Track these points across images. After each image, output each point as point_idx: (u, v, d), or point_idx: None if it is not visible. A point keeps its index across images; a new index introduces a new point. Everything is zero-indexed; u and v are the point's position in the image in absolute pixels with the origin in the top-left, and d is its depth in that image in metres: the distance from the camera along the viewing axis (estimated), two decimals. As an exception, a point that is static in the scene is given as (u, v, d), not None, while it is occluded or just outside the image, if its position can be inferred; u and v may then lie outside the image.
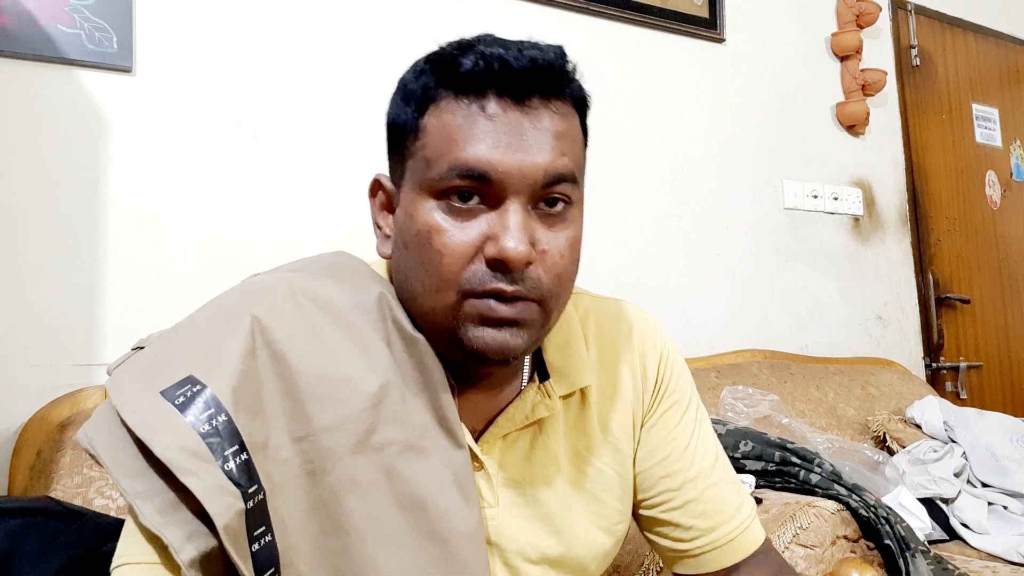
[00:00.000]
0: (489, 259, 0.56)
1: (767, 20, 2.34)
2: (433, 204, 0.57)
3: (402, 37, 1.72)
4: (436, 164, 0.56)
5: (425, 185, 0.57)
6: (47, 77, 1.35)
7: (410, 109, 0.59)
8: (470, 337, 0.57)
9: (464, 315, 0.57)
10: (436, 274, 0.57)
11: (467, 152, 0.55)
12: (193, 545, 0.48)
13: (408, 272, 0.60)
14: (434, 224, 0.56)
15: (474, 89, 0.56)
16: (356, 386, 0.57)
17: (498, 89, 0.56)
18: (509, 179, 0.55)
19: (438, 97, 0.57)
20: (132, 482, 0.49)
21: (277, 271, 0.63)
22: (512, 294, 0.56)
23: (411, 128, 0.59)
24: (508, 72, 0.55)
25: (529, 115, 0.56)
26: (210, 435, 0.50)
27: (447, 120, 0.57)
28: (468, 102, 0.56)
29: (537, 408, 0.66)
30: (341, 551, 0.55)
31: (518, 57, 0.55)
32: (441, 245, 0.56)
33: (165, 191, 1.43)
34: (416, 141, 0.58)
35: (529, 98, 0.56)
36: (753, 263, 2.21)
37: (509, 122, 0.56)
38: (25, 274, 1.30)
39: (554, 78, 0.57)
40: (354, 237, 1.60)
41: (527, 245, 0.55)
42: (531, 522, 0.66)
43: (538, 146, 0.56)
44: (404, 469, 0.57)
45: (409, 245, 0.59)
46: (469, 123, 0.56)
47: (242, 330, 0.55)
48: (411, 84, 0.60)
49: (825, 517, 1.24)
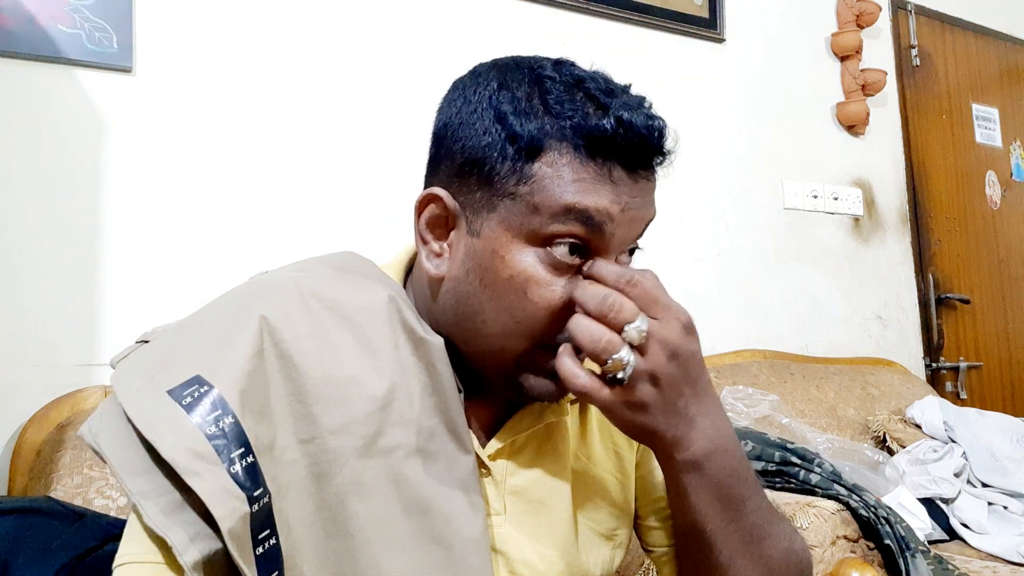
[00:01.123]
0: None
1: (767, 20, 2.34)
2: (532, 252, 0.56)
3: (402, 37, 1.71)
4: (546, 210, 0.55)
5: (526, 230, 0.55)
6: (47, 77, 1.35)
7: (511, 147, 0.56)
8: (532, 383, 0.58)
9: (531, 364, 0.58)
10: (525, 324, 0.56)
11: (588, 201, 0.54)
12: (197, 547, 0.47)
13: (482, 310, 0.58)
14: (532, 275, 0.56)
15: (603, 154, 0.55)
16: (363, 388, 0.56)
17: (625, 160, 0.56)
18: (619, 233, 0.56)
19: (557, 149, 0.55)
20: (136, 481, 0.49)
21: (285, 270, 0.63)
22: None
23: (513, 169, 0.56)
24: (643, 147, 0.56)
25: (639, 182, 0.57)
26: (216, 437, 0.49)
27: (565, 173, 0.55)
28: (595, 165, 0.55)
29: (546, 412, 0.66)
30: (345, 554, 0.55)
31: (651, 129, 0.56)
32: (539, 297, 0.56)
33: (165, 191, 1.43)
34: (520, 184, 0.55)
35: (647, 168, 0.58)
36: (753, 263, 2.21)
37: (627, 189, 0.56)
38: (25, 274, 1.30)
39: (668, 150, 0.59)
40: (354, 236, 1.60)
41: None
42: (537, 530, 0.65)
43: (645, 207, 0.58)
44: (410, 473, 0.57)
45: (491, 285, 0.57)
46: (592, 180, 0.55)
47: (250, 330, 0.55)
48: (516, 119, 0.55)
49: (825, 517, 1.24)
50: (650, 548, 0.75)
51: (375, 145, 1.65)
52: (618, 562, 0.72)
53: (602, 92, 0.57)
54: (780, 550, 0.62)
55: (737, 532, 0.59)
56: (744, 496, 0.59)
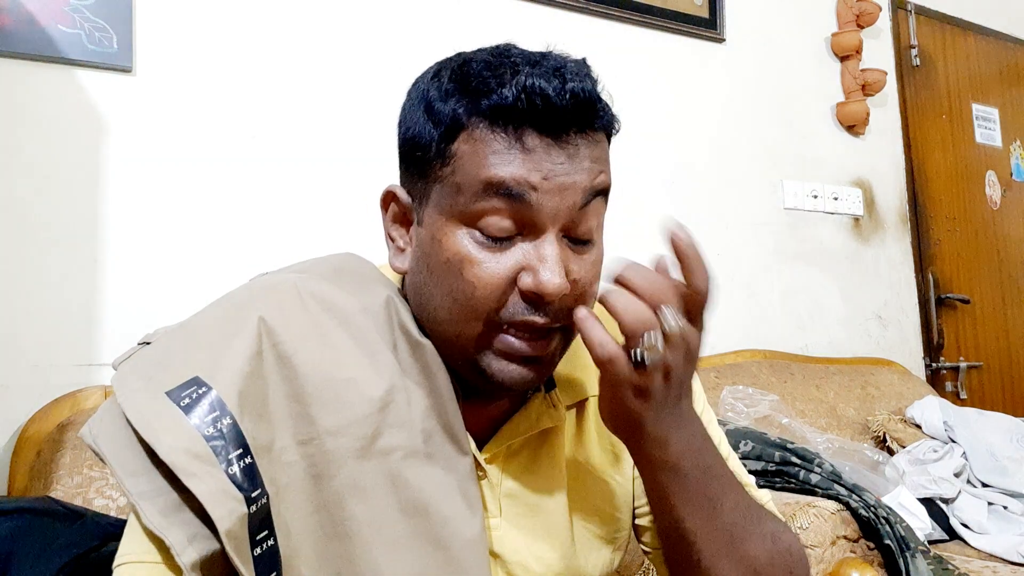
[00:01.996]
0: (525, 291, 0.55)
1: (767, 20, 2.34)
2: (464, 232, 0.56)
3: (402, 37, 1.71)
4: (468, 189, 0.55)
5: (456, 211, 0.56)
6: (47, 77, 1.35)
7: (436, 131, 0.57)
8: (494, 370, 0.57)
9: (490, 347, 0.57)
10: (466, 305, 0.56)
11: (505, 173, 0.54)
12: (195, 548, 0.48)
13: (431, 297, 0.59)
14: (465, 254, 0.55)
15: (513, 123, 0.54)
16: (362, 390, 0.56)
17: (538, 125, 0.54)
18: (548, 202, 0.54)
19: (471, 125, 0.55)
20: (135, 481, 0.49)
21: (284, 272, 0.63)
22: (543, 326, 0.56)
23: (438, 152, 0.57)
24: (551, 110, 0.54)
25: (567, 148, 0.55)
26: (215, 438, 0.50)
27: (480, 149, 0.55)
28: (505, 135, 0.54)
29: (542, 418, 0.66)
30: (344, 555, 0.55)
31: (560, 92, 0.53)
32: (474, 277, 0.55)
33: (165, 191, 1.43)
34: (444, 167, 0.57)
35: (567, 133, 0.55)
36: (753, 263, 2.21)
37: (548, 156, 0.55)
38: (25, 274, 1.30)
39: (592, 112, 0.56)
40: (354, 237, 1.60)
41: (563, 278, 0.55)
42: (533, 533, 0.65)
43: (576, 172, 0.56)
44: (408, 474, 0.57)
45: (435, 271, 0.58)
46: (507, 151, 0.54)
47: (248, 331, 0.55)
48: (437, 104, 0.57)
49: (825, 517, 1.24)
50: (648, 548, 0.75)
51: (375, 145, 1.65)
52: (617, 564, 0.72)
53: (524, 63, 0.55)
54: (764, 550, 0.61)
55: (716, 531, 0.59)
56: (719, 494, 0.59)
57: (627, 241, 1.99)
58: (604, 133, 0.60)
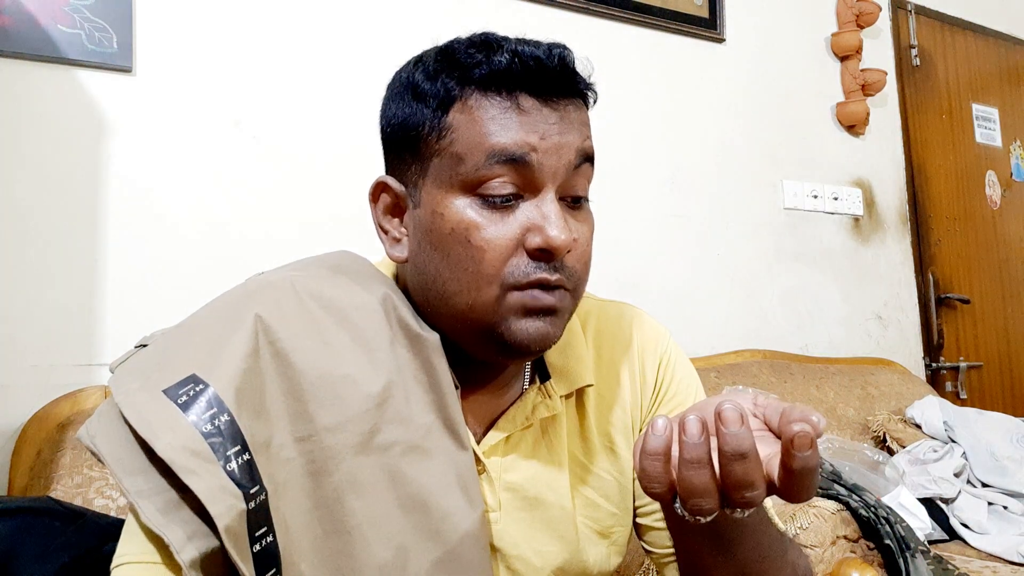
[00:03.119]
0: (532, 250, 0.56)
1: (767, 20, 2.34)
2: (466, 200, 0.57)
3: (402, 37, 1.71)
4: (470, 157, 0.57)
5: (457, 181, 0.57)
6: (47, 77, 1.35)
7: (427, 109, 0.59)
8: (513, 330, 0.57)
9: (507, 308, 0.57)
10: (476, 271, 0.57)
11: (505, 138, 0.56)
12: (194, 545, 0.48)
13: (438, 273, 0.59)
14: (470, 220, 0.57)
15: (506, 87, 0.57)
16: (359, 386, 0.57)
17: (529, 88, 0.57)
18: (548, 160, 0.57)
19: (464, 95, 0.57)
20: (133, 480, 0.49)
21: (281, 270, 0.63)
22: (556, 283, 0.57)
23: (431, 127, 0.58)
24: (543, 71, 0.56)
25: (558, 110, 0.58)
26: (212, 435, 0.50)
27: (478, 115, 0.57)
28: (500, 99, 0.57)
29: (538, 408, 0.66)
30: (343, 551, 0.55)
31: (549, 55, 0.57)
32: (482, 241, 0.56)
33: (165, 191, 1.43)
34: (441, 139, 0.58)
35: (557, 97, 0.58)
36: (753, 263, 2.21)
37: (542, 116, 0.57)
38: (25, 274, 1.30)
39: (575, 77, 0.59)
40: (354, 237, 1.60)
41: (569, 232, 0.56)
42: (532, 527, 0.65)
43: (569, 133, 0.58)
44: (407, 470, 0.57)
45: (439, 245, 0.58)
46: (504, 116, 0.56)
47: (245, 329, 0.55)
48: (425, 84, 0.59)
49: (825, 517, 1.24)
50: (649, 548, 0.75)
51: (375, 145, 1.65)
52: (616, 560, 0.72)
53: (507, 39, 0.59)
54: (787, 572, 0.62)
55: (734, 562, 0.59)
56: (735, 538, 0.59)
57: (628, 241, 1.99)
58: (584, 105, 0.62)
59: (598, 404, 0.70)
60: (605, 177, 1.93)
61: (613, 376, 0.71)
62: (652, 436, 0.45)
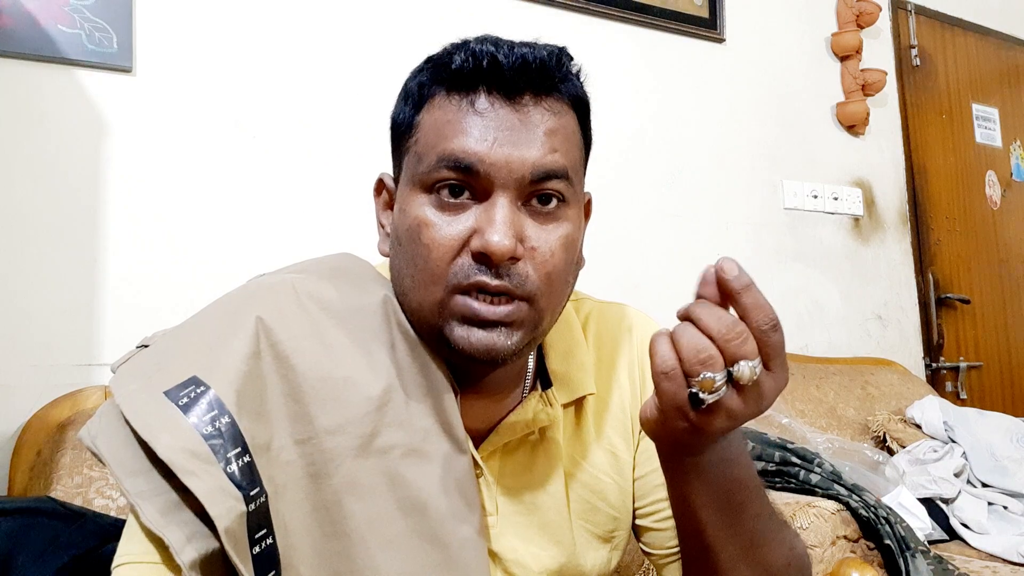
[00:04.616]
0: (474, 252, 0.56)
1: (767, 20, 2.34)
2: (424, 199, 0.58)
3: (402, 37, 1.71)
4: (426, 157, 0.57)
5: (416, 180, 0.58)
6: (47, 77, 1.35)
7: (408, 108, 0.61)
8: (456, 336, 0.57)
9: (450, 312, 0.57)
10: (424, 268, 0.57)
11: (455, 144, 0.56)
12: (194, 547, 0.48)
13: (400, 268, 0.60)
14: (423, 218, 0.57)
15: (465, 86, 0.57)
16: (359, 389, 0.57)
17: (488, 86, 0.56)
18: (496, 172, 0.55)
19: (432, 94, 0.59)
20: (134, 481, 0.49)
21: (281, 272, 0.63)
22: (496, 288, 0.55)
23: (408, 126, 0.60)
24: (497, 69, 0.56)
25: (519, 112, 0.57)
26: (213, 437, 0.50)
27: (438, 116, 0.57)
28: (459, 98, 0.57)
29: (539, 416, 0.66)
30: (342, 554, 0.55)
31: (508, 55, 0.56)
32: (429, 239, 0.56)
33: (165, 191, 1.43)
34: (411, 138, 0.60)
35: (520, 95, 0.57)
36: (753, 263, 2.20)
37: (498, 118, 0.56)
38: (25, 274, 1.30)
39: (546, 75, 0.57)
40: (355, 237, 1.60)
41: (512, 239, 0.55)
42: (530, 531, 0.65)
43: (527, 142, 0.56)
44: (406, 473, 0.57)
45: (402, 240, 0.59)
46: (458, 118, 0.56)
47: (246, 331, 0.55)
48: (410, 83, 0.61)
49: (825, 517, 1.24)
50: (648, 551, 0.75)
51: (375, 145, 1.65)
52: (615, 563, 0.72)
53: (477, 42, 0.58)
54: (782, 556, 0.62)
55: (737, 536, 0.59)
56: (744, 502, 0.59)
57: (628, 241, 1.99)
58: (568, 106, 0.60)
59: (597, 407, 0.70)
60: (605, 177, 1.94)
61: (613, 379, 0.71)
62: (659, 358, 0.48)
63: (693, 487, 0.57)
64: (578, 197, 0.61)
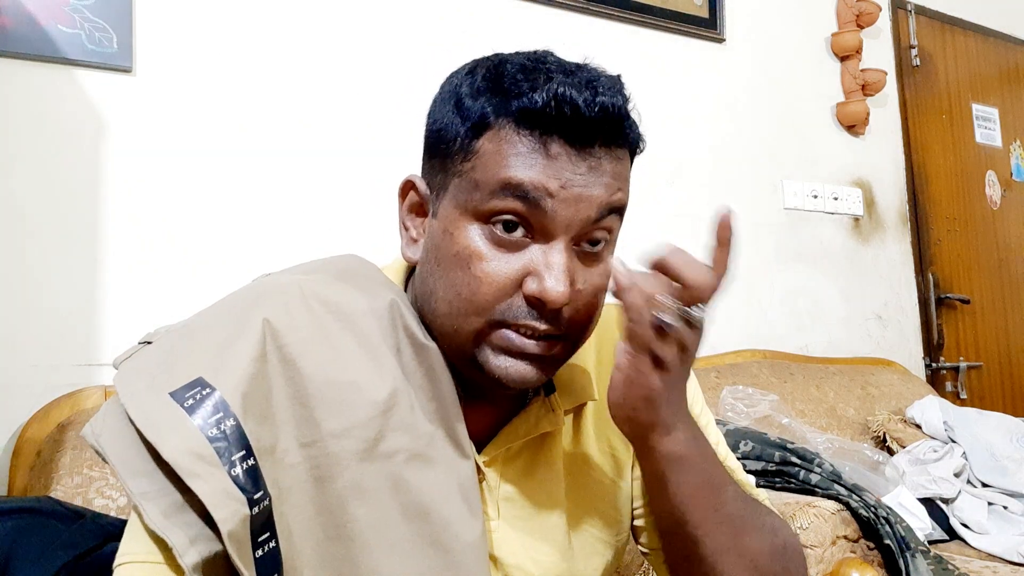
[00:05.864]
0: (529, 296, 0.55)
1: (767, 20, 2.34)
2: (477, 228, 0.56)
3: (403, 37, 1.71)
4: (485, 186, 0.55)
5: (471, 207, 0.56)
6: (47, 77, 1.35)
7: (463, 126, 0.57)
8: (492, 365, 0.57)
9: (489, 342, 0.57)
10: (469, 300, 0.56)
11: (524, 176, 0.54)
12: (197, 549, 0.47)
13: (436, 289, 0.59)
14: (475, 250, 0.56)
15: (540, 127, 0.54)
16: (365, 393, 0.56)
17: (563, 134, 0.54)
18: (564, 210, 0.55)
19: (499, 124, 0.56)
20: (138, 482, 0.49)
21: (288, 272, 0.63)
22: (544, 333, 0.56)
23: (462, 146, 0.57)
24: (578, 119, 0.54)
25: (589, 159, 0.55)
26: (218, 439, 0.50)
27: (505, 149, 0.55)
28: (531, 138, 0.55)
29: (541, 422, 0.66)
30: (345, 558, 0.55)
31: (590, 103, 0.54)
32: (482, 272, 0.55)
33: (165, 191, 1.43)
34: (465, 161, 0.57)
35: (592, 145, 0.55)
36: (753, 263, 2.21)
37: (571, 163, 0.55)
38: (25, 274, 1.30)
39: (619, 127, 0.57)
40: (355, 237, 1.60)
41: (568, 287, 0.55)
42: (531, 536, 0.65)
43: (595, 186, 0.56)
44: (410, 477, 0.57)
45: (443, 263, 0.58)
46: (529, 156, 0.55)
47: (253, 333, 0.55)
48: (468, 100, 0.57)
49: (825, 517, 1.24)
50: (647, 550, 0.75)
51: (375, 145, 1.65)
52: (617, 565, 0.72)
53: (558, 71, 0.56)
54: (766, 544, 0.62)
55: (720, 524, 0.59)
56: (721, 484, 0.60)
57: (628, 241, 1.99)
58: (628, 151, 0.60)
59: (598, 410, 0.70)
60: (605, 177, 1.93)
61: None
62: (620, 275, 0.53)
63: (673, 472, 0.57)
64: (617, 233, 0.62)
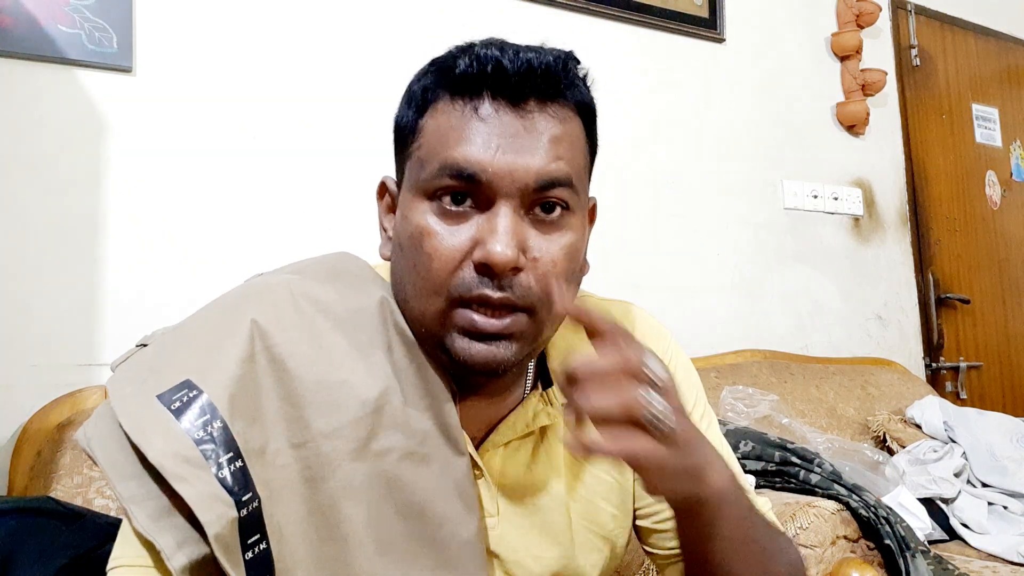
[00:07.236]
0: (476, 263, 0.55)
1: (767, 20, 2.34)
2: (426, 206, 0.57)
3: (403, 37, 1.71)
4: (428, 164, 0.56)
5: (419, 186, 0.57)
6: (47, 77, 1.35)
7: (411, 111, 0.60)
8: (457, 348, 0.56)
9: (452, 324, 0.56)
10: (426, 278, 0.56)
11: (457, 152, 0.55)
12: (184, 552, 0.48)
13: (402, 275, 0.59)
14: (425, 226, 0.56)
15: (469, 91, 0.55)
16: (356, 392, 0.56)
17: (492, 91, 0.55)
18: (498, 181, 0.54)
19: (436, 99, 0.57)
20: (126, 485, 0.49)
21: (278, 272, 0.63)
22: (499, 301, 0.55)
23: (411, 129, 0.59)
24: (502, 74, 0.54)
25: (524, 118, 0.55)
26: (204, 441, 0.49)
27: (442, 121, 0.56)
28: (463, 103, 0.56)
29: (539, 416, 0.65)
30: (339, 558, 0.55)
31: (513, 59, 0.55)
32: (431, 248, 0.55)
33: (165, 191, 1.43)
34: (414, 142, 0.58)
35: (525, 101, 0.55)
36: (753, 263, 2.21)
37: (502, 124, 0.55)
38: (25, 274, 1.30)
39: (551, 81, 0.56)
40: (355, 237, 1.60)
41: (514, 249, 0.54)
42: (531, 532, 0.65)
43: (531, 149, 0.55)
44: (404, 476, 0.57)
45: (404, 247, 0.58)
46: (462, 124, 0.55)
47: (241, 334, 0.55)
48: (414, 86, 0.60)
49: (825, 517, 1.24)
50: (651, 550, 0.75)
51: (376, 145, 1.64)
52: (614, 563, 0.72)
53: (483, 46, 0.57)
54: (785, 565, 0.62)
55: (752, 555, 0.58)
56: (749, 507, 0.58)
57: (628, 241, 1.99)
58: (574, 112, 0.59)
59: None
60: (605, 177, 1.93)
61: None
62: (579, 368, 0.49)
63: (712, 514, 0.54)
64: (582, 204, 0.60)
